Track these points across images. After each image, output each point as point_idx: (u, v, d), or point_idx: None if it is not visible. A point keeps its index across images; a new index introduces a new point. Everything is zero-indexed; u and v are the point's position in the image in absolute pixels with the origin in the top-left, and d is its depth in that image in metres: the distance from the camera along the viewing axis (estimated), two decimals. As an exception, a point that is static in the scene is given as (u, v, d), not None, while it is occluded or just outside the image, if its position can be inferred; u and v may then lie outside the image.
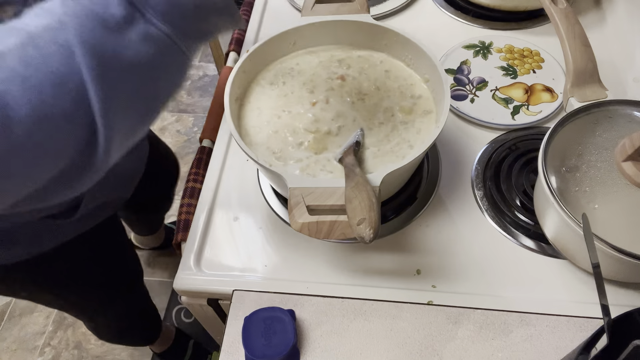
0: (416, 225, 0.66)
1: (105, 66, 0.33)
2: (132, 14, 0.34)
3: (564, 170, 0.57)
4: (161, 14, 0.35)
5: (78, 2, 0.33)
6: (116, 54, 0.34)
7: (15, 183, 0.34)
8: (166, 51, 0.36)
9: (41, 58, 0.32)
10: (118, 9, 0.34)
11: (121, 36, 0.34)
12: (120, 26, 0.34)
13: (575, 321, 0.56)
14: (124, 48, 0.34)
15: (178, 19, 0.36)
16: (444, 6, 0.91)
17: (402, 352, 0.56)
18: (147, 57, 0.35)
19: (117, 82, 0.34)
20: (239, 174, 0.73)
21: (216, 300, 0.66)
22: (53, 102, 0.33)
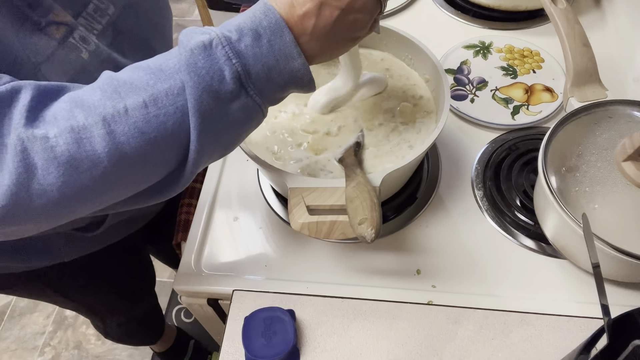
0: (416, 225, 0.66)
1: (208, 128, 0.41)
2: (239, 89, 0.41)
3: (564, 170, 0.57)
4: (259, 90, 0.42)
5: (198, 74, 0.40)
6: (219, 119, 0.42)
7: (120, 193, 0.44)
8: (254, 116, 0.44)
9: (160, 118, 0.40)
10: (230, 85, 0.41)
11: (227, 106, 0.41)
12: (228, 99, 0.41)
13: (575, 321, 0.56)
14: (225, 115, 0.42)
15: (270, 92, 0.43)
16: (444, 6, 0.91)
17: (402, 352, 0.56)
18: (241, 122, 0.43)
19: (213, 139, 0.43)
20: (239, 174, 0.73)
21: (216, 300, 0.66)
22: (161, 151, 0.41)
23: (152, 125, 0.40)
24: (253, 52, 0.41)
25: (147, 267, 1.03)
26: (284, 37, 0.41)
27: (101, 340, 1.49)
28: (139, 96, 0.40)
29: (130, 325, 1.13)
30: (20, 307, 1.57)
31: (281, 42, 0.41)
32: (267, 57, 0.41)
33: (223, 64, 0.40)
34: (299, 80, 0.44)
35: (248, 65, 0.41)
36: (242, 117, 0.43)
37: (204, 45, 0.40)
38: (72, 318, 1.54)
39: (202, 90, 0.40)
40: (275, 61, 0.42)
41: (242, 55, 0.41)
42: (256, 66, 0.41)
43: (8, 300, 1.58)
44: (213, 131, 0.42)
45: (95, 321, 1.06)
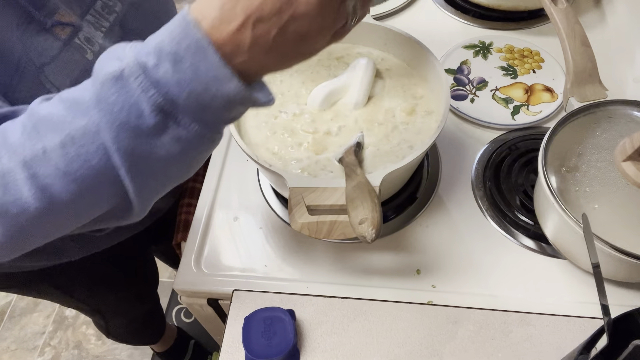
0: (416, 225, 0.66)
1: (138, 165, 0.38)
2: (163, 121, 0.36)
3: (564, 170, 0.57)
4: (195, 117, 0.37)
5: (111, 111, 0.36)
6: (149, 155, 0.37)
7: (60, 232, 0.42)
8: (196, 145, 0.39)
9: (82, 156, 0.37)
10: (151, 119, 0.36)
11: (154, 141, 0.37)
12: (153, 133, 0.37)
13: (575, 321, 0.56)
14: (155, 150, 0.37)
15: (209, 116, 0.38)
16: (444, 6, 0.91)
17: (402, 352, 0.56)
18: (180, 153, 0.38)
19: (150, 175, 0.39)
20: (239, 174, 0.73)
21: (216, 300, 0.66)
22: (94, 188, 0.38)
23: (75, 165, 0.37)
24: (175, 78, 0.35)
25: (151, 269, 1.03)
26: (209, 59, 0.35)
27: (101, 340, 1.49)
28: (56, 135, 0.37)
29: (133, 325, 1.13)
30: (20, 307, 1.57)
31: (206, 65, 0.35)
32: (192, 83, 0.35)
33: (139, 98, 0.35)
34: (242, 102, 0.38)
35: (171, 94, 0.35)
36: (179, 148, 0.38)
37: (115, 77, 0.35)
38: (72, 318, 1.54)
39: (117, 129, 0.36)
40: (203, 87, 0.36)
41: (162, 84, 0.35)
42: (182, 94, 0.36)
43: (8, 300, 1.58)
44: (145, 167, 0.38)
45: (98, 320, 1.07)
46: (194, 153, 0.40)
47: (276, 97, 0.66)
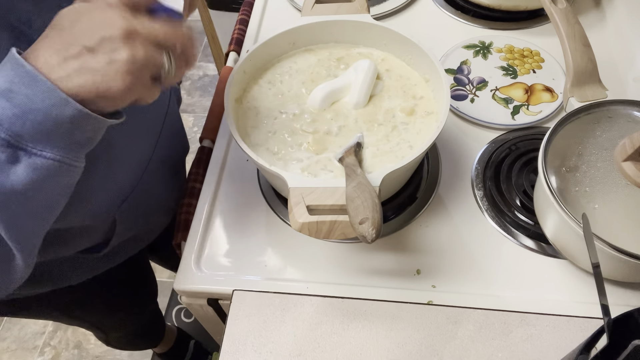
0: (416, 225, 0.66)
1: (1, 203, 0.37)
2: (14, 153, 0.37)
3: (564, 170, 0.57)
4: (42, 144, 0.37)
5: None
6: (10, 189, 0.37)
7: None
8: (55, 171, 0.39)
9: None
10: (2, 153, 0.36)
11: (9, 174, 0.37)
12: (7, 167, 0.37)
13: (575, 321, 0.56)
14: (14, 182, 0.37)
15: (59, 141, 0.38)
16: (444, 6, 0.91)
17: (402, 352, 0.56)
18: (39, 183, 0.38)
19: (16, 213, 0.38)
20: (239, 174, 0.73)
21: (216, 300, 0.66)
22: None
23: None
24: (12, 112, 0.36)
25: (151, 282, 1.03)
26: (41, 87, 0.36)
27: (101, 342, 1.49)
28: None
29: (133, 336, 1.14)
30: (20, 307, 1.57)
31: (41, 93, 0.36)
32: (31, 113, 0.36)
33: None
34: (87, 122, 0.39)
35: (13, 127, 0.36)
36: (38, 177, 0.38)
37: None
38: (72, 318, 1.54)
39: None
40: (43, 115, 0.37)
41: (2, 120, 0.36)
42: (25, 125, 0.36)
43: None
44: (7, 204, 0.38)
45: (98, 334, 1.07)
46: (56, 181, 0.40)
47: (276, 97, 0.67)
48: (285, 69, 0.69)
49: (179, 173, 0.81)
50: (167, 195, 0.77)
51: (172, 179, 0.77)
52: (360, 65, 0.65)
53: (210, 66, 2.10)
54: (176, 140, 0.78)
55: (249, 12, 0.95)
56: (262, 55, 0.68)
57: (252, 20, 0.93)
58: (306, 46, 0.71)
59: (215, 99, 0.84)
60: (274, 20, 0.93)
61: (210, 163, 0.75)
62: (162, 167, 0.72)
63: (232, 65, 0.86)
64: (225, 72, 0.84)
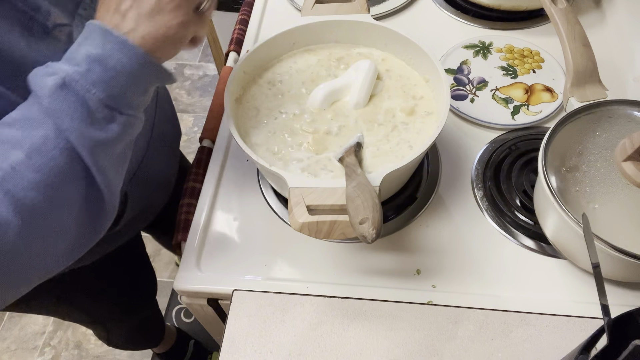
0: (416, 225, 0.66)
1: (98, 152, 0.43)
2: (110, 113, 0.43)
3: (564, 170, 0.57)
4: (127, 103, 0.44)
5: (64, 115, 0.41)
6: (102, 143, 0.44)
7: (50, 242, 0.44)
8: (132, 125, 0.47)
9: (50, 162, 0.41)
10: (99, 112, 0.43)
11: (107, 130, 0.44)
12: (104, 124, 0.43)
13: (575, 321, 0.56)
14: (108, 137, 0.44)
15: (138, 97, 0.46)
16: (444, 6, 0.91)
17: (402, 352, 0.56)
18: (125, 134, 0.46)
19: (108, 158, 0.45)
20: (239, 174, 0.73)
21: (216, 300, 0.66)
22: (66, 188, 0.42)
23: (45, 171, 0.41)
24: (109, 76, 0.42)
25: (151, 275, 1.03)
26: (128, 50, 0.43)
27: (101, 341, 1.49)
28: (18, 152, 0.40)
29: (133, 333, 1.15)
30: (20, 307, 1.57)
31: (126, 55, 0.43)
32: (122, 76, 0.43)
33: (84, 98, 0.41)
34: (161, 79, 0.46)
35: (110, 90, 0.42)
36: (125, 131, 0.45)
37: (58, 87, 0.41)
38: (72, 318, 1.54)
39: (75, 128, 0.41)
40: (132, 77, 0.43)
41: (98, 83, 0.42)
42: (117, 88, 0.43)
43: (8, 300, 1.58)
44: (103, 153, 0.44)
45: (99, 331, 1.07)
46: (129, 133, 0.47)
47: (276, 97, 0.67)
48: (285, 69, 0.69)
49: (175, 151, 0.88)
50: (167, 171, 0.83)
51: (170, 157, 0.84)
52: (360, 65, 0.65)
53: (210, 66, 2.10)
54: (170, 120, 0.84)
55: (249, 12, 0.95)
56: (262, 55, 0.68)
57: (252, 20, 0.93)
58: (306, 46, 0.71)
59: (215, 99, 0.84)
60: (274, 20, 0.93)
61: (210, 163, 0.75)
62: (161, 146, 0.77)
63: (232, 65, 0.86)
64: (225, 72, 0.84)
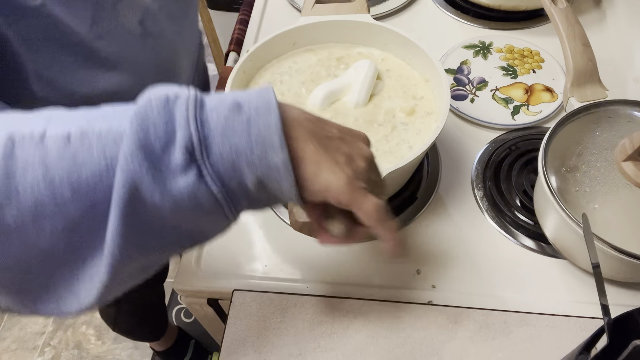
0: (416, 225, 0.66)
1: (136, 204, 0.30)
2: (188, 164, 0.31)
3: (564, 170, 0.57)
4: (219, 176, 0.32)
5: (143, 127, 0.30)
6: (153, 196, 0.31)
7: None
8: (209, 211, 0.33)
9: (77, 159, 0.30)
10: (177, 153, 0.31)
11: (167, 181, 0.31)
12: (170, 172, 0.31)
13: (575, 321, 0.56)
14: (165, 194, 0.31)
15: (235, 185, 0.33)
16: (444, 6, 0.91)
17: (402, 352, 0.56)
18: (184, 212, 0.32)
19: (141, 226, 0.32)
20: (239, 174, 0.73)
21: (216, 300, 0.66)
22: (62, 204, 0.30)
23: (63, 164, 0.30)
24: (224, 125, 0.31)
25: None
26: (270, 118, 0.32)
27: (101, 340, 1.49)
28: (66, 127, 0.31)
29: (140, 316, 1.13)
30: (20, 307, 1.57)
31: (263, 123, 0.32)
32: (239, 136, 0.32)
33: (177, 126, 0.31)
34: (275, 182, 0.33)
35: (210, 138, 0.31)
36: (187, 204, 0.32)
37: (166, 99, 0.32)
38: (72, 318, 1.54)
39: (139, 146, 0.30)
40: (247, 145, 0.32)
41: (207, 124, 0.31)
42: (223, 145, 0.31)
43: (8, 300, 1.58)
44: (141, 210, 0.31)
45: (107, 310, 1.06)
46: (200, 222, 0.34)
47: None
48: (285, 69, 0.69)
49: None
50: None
51: None
52: (360, 65, 0.65)
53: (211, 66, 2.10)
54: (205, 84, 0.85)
55: (249, 12, 0.95)
56: (262, 55, 0.68)
57: (252, 20, 0.93)
58: (306, 46, 0.71)
59: (215, 99, 0.83)
60: (274, 20, 0.93)
61: (210, 163, 0.75)
62: None
63: (232, 65, 0.86)
64: (225, 72, 0.84)
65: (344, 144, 0.37)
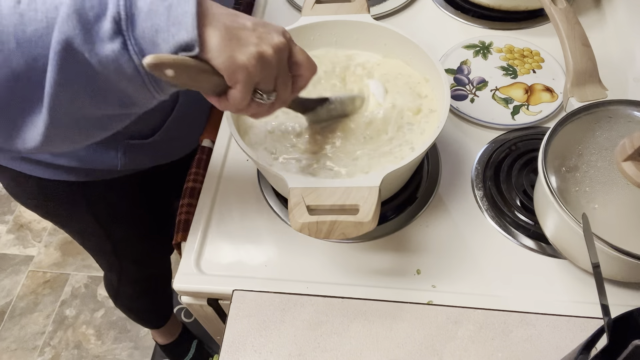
0: (416, 225, 0.66)
1: (67, 59, 0.37)
2: (114, 33, 0.38)
3: (564, 170, 0.57)
4: (140, 49, 0.39)
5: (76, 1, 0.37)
6: (84, 54, 0.38)
7: None
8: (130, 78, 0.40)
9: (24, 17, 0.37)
10: (106, 22, 0.37)
11: (95, 45, 0.38)
12: (99, 37, 0.38)
13: (575, 321, 0.56)
14: (92, 55, 0.38)
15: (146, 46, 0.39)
16: (444, 6, 0.91)
17: (402, 352, 0.56)
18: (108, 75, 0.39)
19: (71, 81, 0.39)
20: (239, 174, 0.73)
21: (216, 300, 0.66)
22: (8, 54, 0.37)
23: (12, 20, 0.37)
24: (148, 8, 0.38)
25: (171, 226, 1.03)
26: (187, 6, 0.38)
27: (101, 340, 1.49)
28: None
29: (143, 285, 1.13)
30: (20, 307, 1.57)
31: (182, 9, 0.38)
32: (160, 18, 0.38)
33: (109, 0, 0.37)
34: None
35: (136, 15, 0.38)
36: (110, 69, 0.39)
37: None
38: (72, 318, 1.54)
39: (74, 11, 0.37)
40: (165, 24, 0.38)
41: (135, 3, 0.38)
42: (145, 23, 0.38)
43: (8, 300, 1.58)
44: (71, 67, 0.38)
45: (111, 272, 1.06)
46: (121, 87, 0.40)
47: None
48: (285, 69, 0.69)
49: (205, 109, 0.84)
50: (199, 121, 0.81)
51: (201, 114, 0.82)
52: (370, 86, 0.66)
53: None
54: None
55: (249, 12, 0.95)
56: (262, 55, 0.68)
57: (252, 20, 0.93)
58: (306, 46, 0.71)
59: (215, 99, 0.83)
60: (274, 20, 0.93)
61: (210, 163, 0.75)
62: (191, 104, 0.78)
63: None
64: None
65: (254, 34, 0.42)
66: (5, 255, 1.69)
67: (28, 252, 1.68)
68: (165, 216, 0.98)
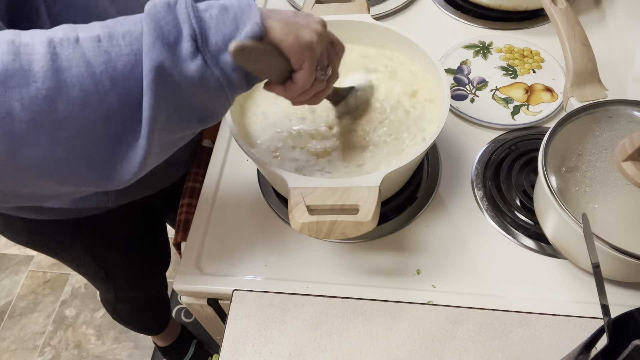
0: (416, 225, 0.66)
1: (159, 83, 0.39)
2: (195, 51, 0.40)
3: (564, 170, 0.57)
4: (216, 61, 0.41)
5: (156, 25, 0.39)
6: (172, 76, 0.40)
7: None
8: (214, 90, 0.43)
9: (111, 54, 0.38)
10: (186, 42, 0.40)
11: (181, 64, 0.40)
12: (184, 56, 0.40)
13: (575, 321, 0.56)
14: (181, 74, 0.40)
15: (229, 68, 0.42)
16: (444, 6, 0.91)
17: (402, 352, 0.56)
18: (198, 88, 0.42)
19: (167, 96, 0.40)
20: (239, 174, 0.73)
21: (216, 300, 0.66)
22: (105, 93, 0.38)
23: (100, 59, 0.38)
24: (216, 22, 0.41)
25: (166, 245, 1.02)
26: (251, 13, 0.42)
27: (101, 340, 1.49)
28: (94, 31, 0.39)
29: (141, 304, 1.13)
30: (20, 307, 1.57)
31: (247, 16, 0.42)
32: (228, 28, 0.41)
33: (182, 22, 0.40)
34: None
35: (207, 31, 0.40)
36: (196, 85, 0.41)
37: (168, 3, 0.40)
38: (72, 318, 1.54)
39: (156, 38, 0.39)
40: (234, 31, 0.41)
41: (204, 21, 0.40)
42: (216, 36, 0.41)
43: (8, 300, 1.58)
44: (164, 89, 0.40)
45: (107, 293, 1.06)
46: (203, 101, 0.43)
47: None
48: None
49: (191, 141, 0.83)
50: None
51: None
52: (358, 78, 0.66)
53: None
54: None
55: (249, 12, 0.95)
56: (262, 55, 0.68)
57: (252, 20, 0.93)
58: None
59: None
60: (274, 20, 0.93)
61: (210, 163, 0.75)
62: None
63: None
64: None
65: (303, 19, 0.47)
66: (5, 255, 1.69)
67: (28, 252, 1.68)
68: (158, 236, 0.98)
